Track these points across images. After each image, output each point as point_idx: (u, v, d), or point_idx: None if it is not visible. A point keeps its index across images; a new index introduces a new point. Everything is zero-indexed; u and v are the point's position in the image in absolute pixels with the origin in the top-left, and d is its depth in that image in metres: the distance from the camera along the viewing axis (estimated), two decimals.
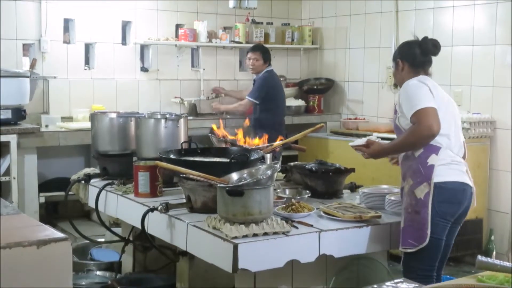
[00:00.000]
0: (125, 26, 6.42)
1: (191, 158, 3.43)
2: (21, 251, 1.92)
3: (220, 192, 2.88)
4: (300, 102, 7.00)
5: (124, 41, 6.42)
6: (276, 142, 3.97)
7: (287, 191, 3.50)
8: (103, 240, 4.88)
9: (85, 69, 6.21)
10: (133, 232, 4.02)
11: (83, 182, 4.04)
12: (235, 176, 3.06)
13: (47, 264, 1.96)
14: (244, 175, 3.06)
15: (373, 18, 6.62)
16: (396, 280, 2.32)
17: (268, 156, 3.71)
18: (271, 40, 7.02)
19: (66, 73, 6.06)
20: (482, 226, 5.40)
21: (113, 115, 4.10)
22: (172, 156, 3.44)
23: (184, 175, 3.11)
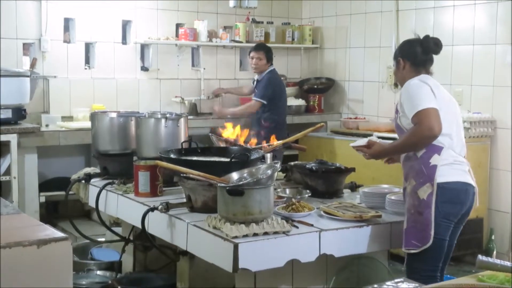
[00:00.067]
0: (125, 25, 6.42)
1: (192, 158, 3.43)
2: (21, 251, 1.92)
3: (220, 192, 2.88)
4: (300, 102, 7.00)
5: (124, 40, 6.42)
6: (276, 142, 3.97)
7: (287, 190, 3.49)
8: (103, 239, 4.88)
9: (85, 68, 6.20)
10: (133, 232, 4.02)
11: (83, 181, 4.03)
12: (235, 175, 3.06)
13: (48, 263, 1.96)
14: (245, 174, 3.06)
15: (373, 17, 6.62)
16: (396, 279, 2.32)
17: (268, 155, 3.71)
18: (271, 39, 7.01)
19: (67, 72, 6.06)
20: (482, 225, 5.40)
21: (113, 115, 4.11)
22: (172, 156, 3.44)
23: (185, 175, 3.10)
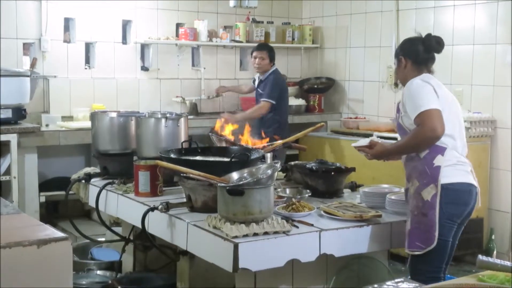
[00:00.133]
0: (125, 25, 6.42)
1: (192, 158, 3.43)
2: (21, 251, 1.92)
3: (220, 192, 2.88)
4: (300, 101, 7.00)
5: (124, 40, 6.42)
6: (276, 142, 3.97)
7: (287, 190, 3.49)
8: (103, 239, 4.88)
9: (85, 68, 6.20)
10: (133, 232, 4.02)
11: (83, 181, 4.03)
12: (235, 175, 3.06)
13: (48, 263, 1.96)
14: (245, 174, 3.06)
15: (373, 17, 6.62)
16: (396, 279, 2.32)
17: (269, 155, 3.71)
18: (271, 39, 7.01)
19: (67, 72, 6.06)
20: (482, 225, 5.39)
21: (113, 115, 4.11)
22: (172, 156, 3.44)
23: (185, 175, 3.10)
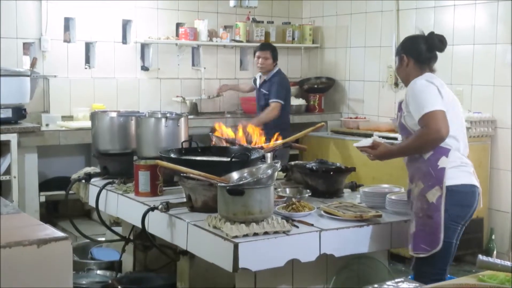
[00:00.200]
0: (125, 25, 6.42)
1: (192, 157, 3.43)
2: (21, 250, 1.92)
3: (220, 191, 2.88)
4: (300, 101, 7.00)
5: (124, 40, 6.42)
6: (276, 142, 3.97)
7: (287, 190, 3.49)
8: (103, 239, 4.88)
9: (85, 68, 6.20)
10: (133, 231, 4.02)
11: (83, 181, 4.03)
12: (235, 175, 3.06)
13: (48, 263, 1.96)
14: (245, 174, 3.06)
15: (374, 17, 6.62)
16: (396, 279, 2.32)
17: (269, 155, 3.71)
18: (271, 39, 7.01)
19: (67, 72, 6.06)
20: (482, 225, 5.39)
21: (113, 114, 4.10)
22: (172, 155, 3.44)
23: (185, 174, 3.10)
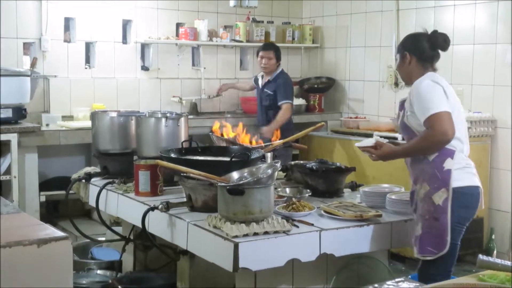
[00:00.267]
0: (125, 25, 6.42)
1: (192, 157, 3.43)
2: (21, 250, 1.92)
3: (220, 191, 2.88)
4: (300, 101, 7.00)
5: (124, 40, 6.42)
6: (276, 141, 3.97)
7: (287, 190, 3.49)
8: (103, 239, 4.88)
9: (85, 68, 6.20)
10: (133, 231, 4.02)
11: (83, 181, 4.03)
12: (235, 175, 3.06)
13: (48, 263, 1.96)
14: (245, 174, 3.06)
15: (374, 17, 6.61)
16: (397, 279, 2.32)
17: (269, 155, 3.71)
18: (271, 39, 7.01)
19: (67, 72, 6.06)
20: (482, 225, 5.39)
21: (113, 114, 4.10)
22: (172, 155, 3.44)
23: (185, 174, 3.10)
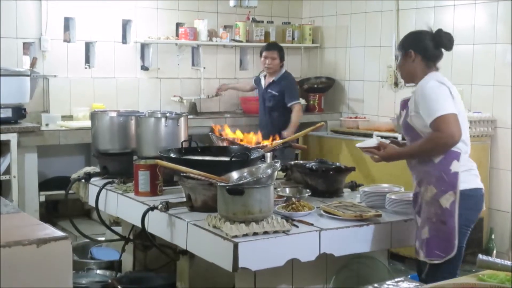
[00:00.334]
0: (125, 24, 6.42)
1: (192, 157, 3.43)
2: (21, 250, 1.91)
3: (220, 191, 2.88)
4: (300, 101, 6.99)
5: (124, 39, 6.42)
6: (276, 141, 3.97)
7: (287, 189, 3.49)
8: (103, 239, 4.87)
9: (85, 67, 6.20)
10: (133, 231, 4.02)
11: (83, 181, 4.03)
12: (235, 175, 3.06)
13: (47, 263, 1.96)
14: (245, 174, 3.06)
15: (373, 16, 6.62)
16: (396, 279, 2.32)
17: (268, 155, 3.71)
18: (271, 38, 7.00)
19: (67, 71, 6.06)
20: (482, 225, 5.39)
21: (113, 114, 4.10)
22: (172, 155, 3.44)
23: (185, 174, 3.10)
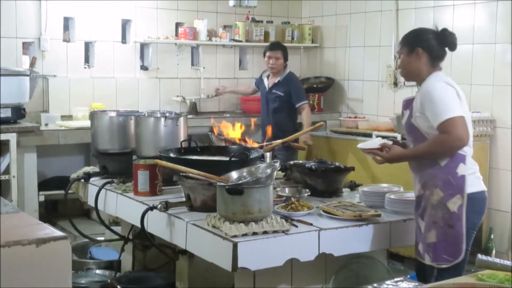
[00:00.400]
0: (125, 24, 6.42)
1: (191, 157, 3.43)
2: (20, 250, 1.92)
3: (219, 191, 2.88)
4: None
5: (124, 39, 6.42)
6: (275, 141, 3.97)
7: (286, 189, 3.49)
8: (102, 238, 4.87)
9: (85, 67, 6.20)
10: (132, 231, 4.02)
11: (82, 180, 4.03)
12: (234, 174, 3.06)
13: (47, 262, 1.96)
14: (244, 173, 3.06)
15: (373, 16, 6.61)
16: (396, 279, 2.32)
17: (268, 154, 3.71)
18: (271, 38, 7.00)
19: (66, 71, 6.06)
20: (482, 224, 5.38)
21: (112, 114, 4.10)
22: (171, 155, 3.44)
23: (184, 174, 3.10)
